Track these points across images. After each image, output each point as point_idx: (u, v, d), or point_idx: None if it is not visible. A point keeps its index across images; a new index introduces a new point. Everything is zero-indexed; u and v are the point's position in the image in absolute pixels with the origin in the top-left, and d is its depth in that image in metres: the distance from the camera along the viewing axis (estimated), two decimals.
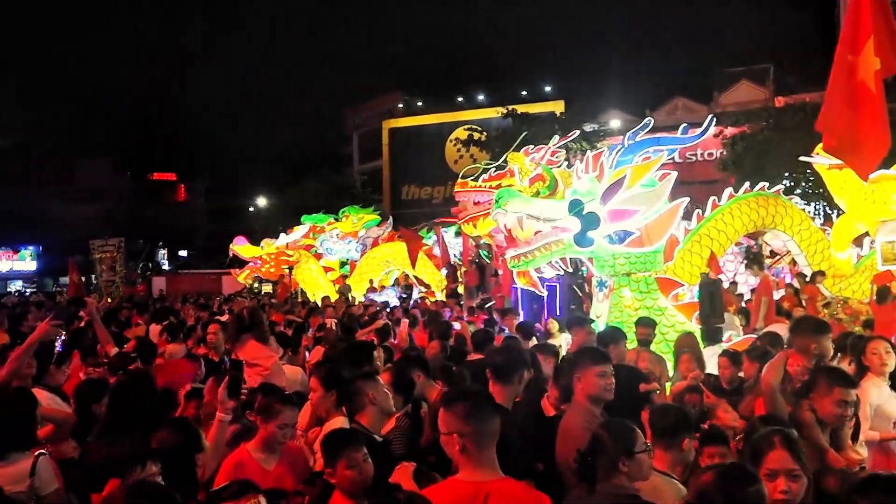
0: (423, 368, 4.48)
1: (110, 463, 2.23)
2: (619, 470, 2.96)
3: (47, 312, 12.72)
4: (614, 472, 2.96)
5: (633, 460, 2.97)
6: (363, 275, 20.66)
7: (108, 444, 2.32)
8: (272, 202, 49.69)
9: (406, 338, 7.73)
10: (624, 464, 2.96)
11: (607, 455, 2.98)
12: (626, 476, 2.96)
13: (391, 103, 55.40)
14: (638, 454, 2.98)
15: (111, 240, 25.81)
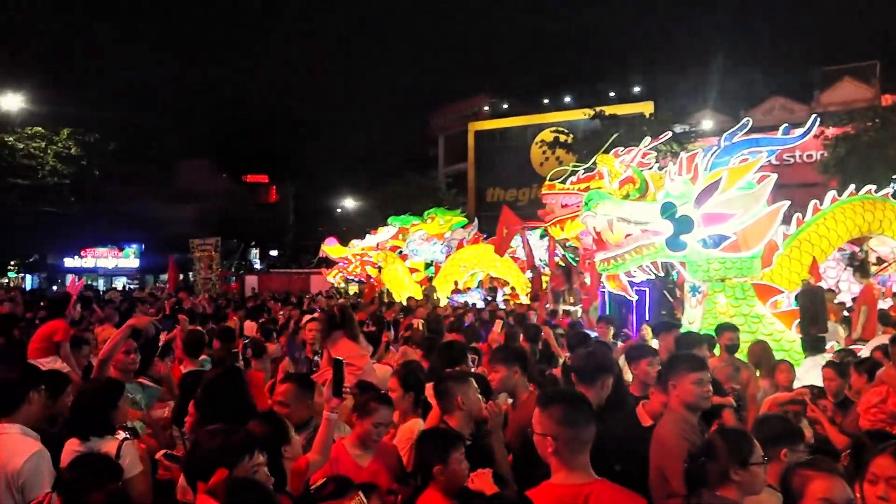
0: (522, 366, 4.39)
1: (221, 452, 2.30)
2: (730, 479, 2.84)
3: (150, 308, 13.45)
4: (725, 481, 2.85)
5: (746, 471, 2.84)
6: (448, 276, 20.77)
7: (220, 433, 2.40)
8: (359, 204, 50.63)
9: (497, 339, 7.65)
10: (737, 473, 2.84)
11: (719, 462, 2.86)
12: (736, 486, 2.83)
13: (477, 105, 55.52)
14: (753, 465, 2.85)
15: (209, 239, 26.91)
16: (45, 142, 37.31)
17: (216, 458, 2.27)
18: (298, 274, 36.64)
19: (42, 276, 45.20)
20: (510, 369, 4.29)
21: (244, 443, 2.32)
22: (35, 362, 6.09)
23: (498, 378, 4.29)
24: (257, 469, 2.29)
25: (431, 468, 3.03)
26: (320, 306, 14.78)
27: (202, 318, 11.45)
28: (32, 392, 3.60)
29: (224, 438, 2.34)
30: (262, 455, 2.34)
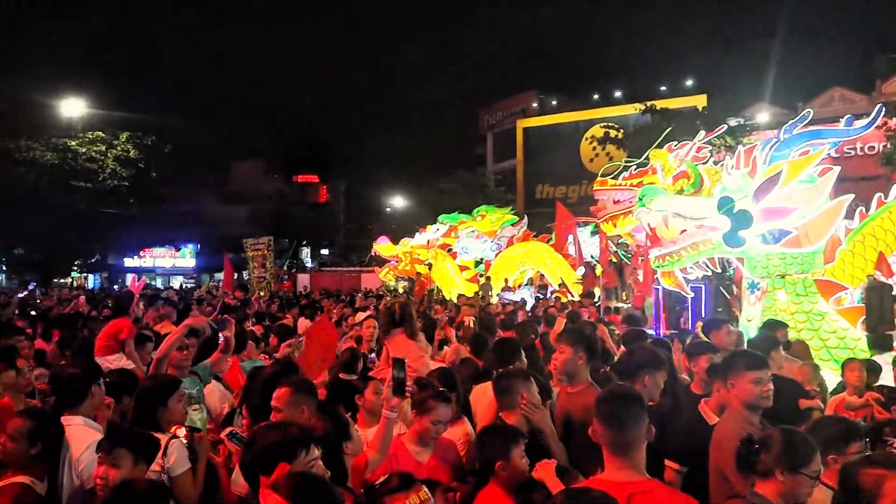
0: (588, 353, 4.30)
1: (277, 446, 2.34)
2: (774, 478, 2.78)
3: (207, 307, 13.76)
4: (769, 477, 2.79)
5: (792, 476, 2.76)
6: (498, 274, 20.73)
7: (276, 428, 2.45)
8: (408, 202, 50.88)
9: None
10: (782, 474, 2.77)
11: (770, 457, 2.81)
12: (778, 486, 2.77)
13: (525, 102, 55.30)
14: (801, 473, 2.76)
15: (262, 238, 27.40)
16: (105, 146, 38.55)
17: (273, 452, 2.30)
18: (349, 272, 37.04)
19: (103, 276, 46.67)
20: (576, 352, 4.17)
21: (300, 437, 2.35)
22: (101, 359, 6.31)
23: (562, 359, 4.19)
24: (313, 463, 2.32)
25: (493, 464, 3.04)
26: (372, 304, 14.92)
27: (258, 316, 11.66)
28: (94, 386, 3.75)
29: (280, 433, 2.38)
30: (318, 449, 2.36)
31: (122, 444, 2.88)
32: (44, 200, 35.23)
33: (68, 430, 3.54)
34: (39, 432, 3.32)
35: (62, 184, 36.05)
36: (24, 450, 3.27)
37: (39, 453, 3.31)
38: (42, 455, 3.35)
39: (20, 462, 3.30)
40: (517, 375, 3.88)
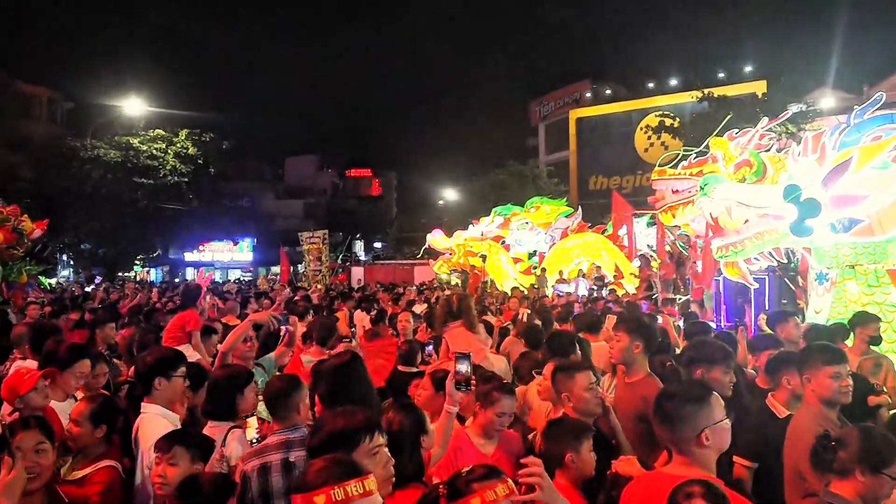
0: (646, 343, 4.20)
1: (344, 432, 2.35)
2: (853, 477, 2.69)
3: (264, 300, 14.01)
4: (848, 476, 2.70)
5: (874, 477, 2.66)
6: (552, 266, 20.57)
7: (342, 414, 2.46)
8: (460, 194, 50.88)
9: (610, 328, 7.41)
10: (863, 475, 2.67)
11: (848, 455, 2.71)
12: (857, 486, 2.67)
13: (578, 92, 54.67)
14: (883, 474, 2.66)
15: (317, 232, 27.75)
16: (165, 143, 39.68)
17: (337, 437, 2.31)
18: (403, 265, 37.23)
19: (165, 270, 47.96)
20: (632, 341, 4.10)
21: (365, 424, 2.35)
22: None
23: (618, 348, 4.13)
24: (377, 450, 2.32)
25: (562, 456, 3.01)
26: (425, 297, 14.96)
27: (316, 309, 11.81)
28: (172, 377, 3.79)
29: (346, 419, 2.38)
30: (383, 437, 2.36)
31: (179, 442, 2.93)
32: (108, 197, 36.43)
33: (142, 418, 3.63)
34: (102, 414, 3.42)
35: (125, 181, 37.23)
36: (89, 432, 3.37)
37: (107, 436, 3.41)
38: (111, 438, 3.46)
39: (94, 448, 3.40)
40: (569, 369, 3.82)
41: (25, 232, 15.86)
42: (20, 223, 15.79)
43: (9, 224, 15.39)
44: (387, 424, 2.89)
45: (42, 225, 16.75)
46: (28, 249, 16.31)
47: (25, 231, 15.87)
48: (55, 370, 4.17)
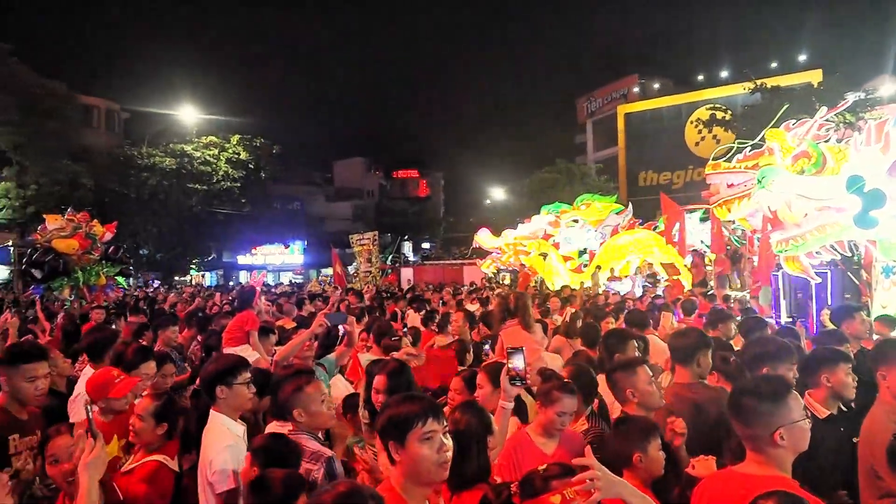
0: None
1: (400, 417, 2.38)
2: None
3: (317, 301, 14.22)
4: None
5: None
6: (604, 263, 20.35)
7: (404, 400, 2.49)
8: (508, 193, 50.75)
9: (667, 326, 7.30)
10: None
11: None
12: None
13: (626, 87, 54.04)
14: None
15: (367, 234, 28.02)
16: (217, 149, 40.60)
17: (395, 421, 2.36)
18: (452, 265, 37.29)
19: (219, 273, 49.02)
20: None
21: (420, 410, 2.38)
22: (230, 350, 6.63)
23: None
24: (431, 435, 2.34)
25: (629, 456, 2.98)
26: (479, 296, 14.96)
27: (369, 310, 11.92)
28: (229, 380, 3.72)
29: (405, 405, 2.42)
30: (439, 423, 2.38)
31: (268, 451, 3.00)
32: (164, 203, 37.43)
33: (208, 426, 3.62)
34: (164, 412, 3.52)
35: (180, 187, 38.21)
36: (151, 428, 3.47)
37: (167, 433, 3.52)
38: (171, 435, 3.56)
39: (152, 442, 3.51)
40: (623, 368, 3.79)
41: (97, 236, 16.44)
42: (91, 228, 16.38)
43: (81, 231, 15.97)
44: (453, 424, 2.91)
45: (111, 227, 17.34)
46: (102, 253, 16.89)
47: (97, 235, 16.45)
48: (142, 385, 4.31)
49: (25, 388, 3.69)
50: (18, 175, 32.98)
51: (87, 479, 2.53)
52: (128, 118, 43.91)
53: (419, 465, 2.29)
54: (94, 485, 2.54)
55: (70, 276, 15.66)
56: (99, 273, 16.33)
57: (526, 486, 1.95)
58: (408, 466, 2.30)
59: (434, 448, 2.32)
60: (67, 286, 15.36)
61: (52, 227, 16.00)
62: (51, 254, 15.46)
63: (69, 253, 15.59)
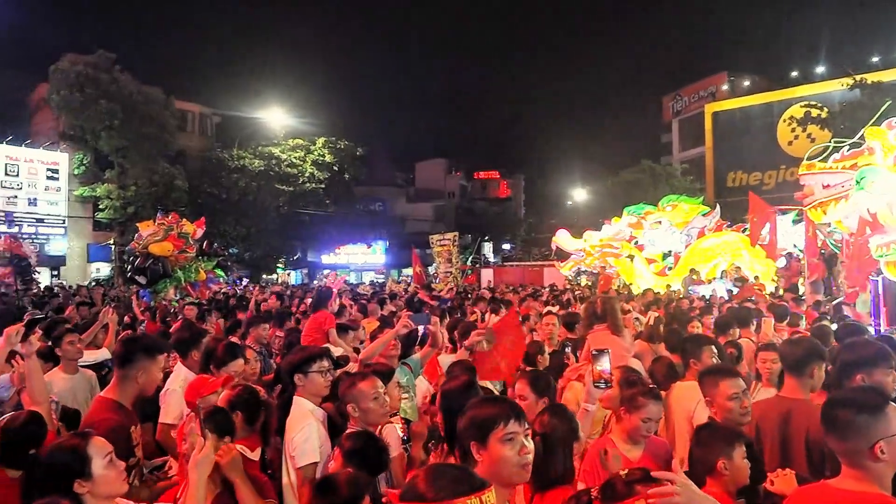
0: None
1: (479, 418, 2.40)
2: None
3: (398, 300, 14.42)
4: None
5: None
6: (689, 266, 19.82)
7: (486, 402, 2.52)
8: (590, 194, 50.07)
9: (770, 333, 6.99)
10: None
11: None
12: None
13: (714, 85, 52.45)
14: None
15: (447, 234, 28.20)
16: (304, 151, 41.75)
17: (477, 422, 2.37)
18: (532, 266, 37.09)
19: (304, 272, 50.32)
20: None
21: (502, 411, 2.38)
22: None
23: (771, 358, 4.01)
24: (512, 437, 2.34)
25: (713, 463, 2.91)
26: (561, 300, 14.83)
27: (450, 311, 12.00)
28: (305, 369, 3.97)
29: (487, 407, 2.43)
30: (521, 425, 2.38)
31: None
32: (253, 204, 38.76)
33: (292, 408, 3.86)
34: (239, 402, 3.66)
35: (268, 188, 39.46)
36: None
37: (245, 423, 3.65)
38: (251, 425, 3.69)
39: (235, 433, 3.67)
40: (713, 374, 3.67)
41: (188, 234, 17.18)
42: (181, 228, 17.13)
43: (173, 232, 16.72)
44: (540, 426, 2.91)
45: (201, 224, 18.03)
46: (196, 249, 17.60)
47: (188, 233, 17.19)
48: (231, 377, 4.51)
49: (156, 380, 3.88)
50: (119, 177, 34.84)
51: (197, 476, 2.67)
52: (219, 122, 45.69)
53: (500, 465, 2.30)
54: (202, 481, 2.67)
55: (171, 276, 16.39)
56: (197, 269, 16.99)
57: (608, 490, 1.93)
58: (489, 467, 2.31)
59: (515, 449, 2.33)
60: (171, 287, 16.07)
61: (146, 233, 16.75)
62: (150, 259, 16.24)
63: (166, 255, 16.32)
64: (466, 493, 1.72)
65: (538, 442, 2.72)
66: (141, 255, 16.48)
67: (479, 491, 1.74)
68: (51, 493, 2.33)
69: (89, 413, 3.53)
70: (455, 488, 1.73)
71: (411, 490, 1.77)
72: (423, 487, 1.75)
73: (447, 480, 1.76)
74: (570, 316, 7.94)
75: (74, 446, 2.56)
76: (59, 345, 5.47)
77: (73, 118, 33.16)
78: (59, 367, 5.41)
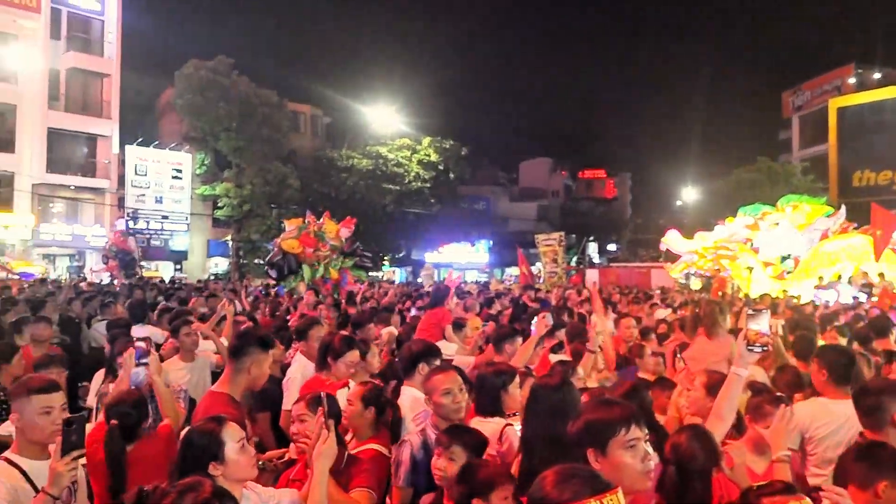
0: None
1: (602, 423, 2.32)
2: None
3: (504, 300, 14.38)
4: None
5: None
6: (810, 271, 18.74)
7: (601, 405, 2.43)
8: (702, 194, 48.34)
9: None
10: None
11: None
12: None
13: (839, 79, 49.38)
14: None
15: (553, 234, 27.88)
16: (410, 151, 42.47)
17: (594, 428, 2.29)
18: (639, 268, 36.17)
19: (408, 270, 51.15)
20: None
21: (622, 415, 2.30)
22: None
23: None
24: (635, 443, 2.25)
25: (873, 483, 2.65)
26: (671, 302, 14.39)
27: (559, 311, 11.85)
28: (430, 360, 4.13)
29: (604, 410, 2.35)
30: (642, 430, 2.29)
31: (458, 440, 3.07)
32: (361, 202, 39.79)
33: (401, 397, 4.00)
34: (371, 398, 3.71)
35: (376, 187, 40.39)
36: (360, 412, 3.66)
37: (376, 420, 3.70)
38: (380, 422, 3.74)
39: (365, 430, 3.71)
40: (888, 391, 3.35)
41: (326, 234, 17.78)
42: (320, 227, 17.79)
43: (307, 230, 17.47)
44: (673, 450, 2.78)
45: (347, 223, 18.59)
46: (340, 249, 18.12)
47: (326, 233, 17.79)
48: (346, 383, 4.64)
49: (266, 374, 4.01)
50: (236, 176, 36.60)
51: (320, 466, 2.72)
52: (329, 122, 47.13)
53: (623, 473, 2.20)
54: (325, 472, 2.72)
55: (296, 273, 17.09)
56: (327, 268, 17.51)
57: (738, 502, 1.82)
58: (609, 475, 2.21)
59: (638, 457, 2.24)
60: (299, 282, 16.73)
61: (288, 229, 17.73)
62: (281, 254, 17.09)
63: (296, 252, 17.02)
64: (593, 495, 1.71)
65: (672, 471, 2.60)
66: (276, 251, 17.35)
67: (605, 493, 1.72)
68: (189, 474, 2.43)
69: (205, 408, 3.63)
70: (583, 490, 1.72)
71: (539, 491, 1.77)
72: (550, 488, 1.75)
73: (575, 482, 1.75)
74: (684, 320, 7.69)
75: (211, 430, 2.65)
76: (177, 336, 5.88)
77: (195, 120, 35.19)
78: (178, 356, 5.79)
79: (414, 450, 3.40)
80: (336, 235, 17.95)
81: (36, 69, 31.11)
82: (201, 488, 2.07)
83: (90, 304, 11.52)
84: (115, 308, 9.92)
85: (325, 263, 17.33)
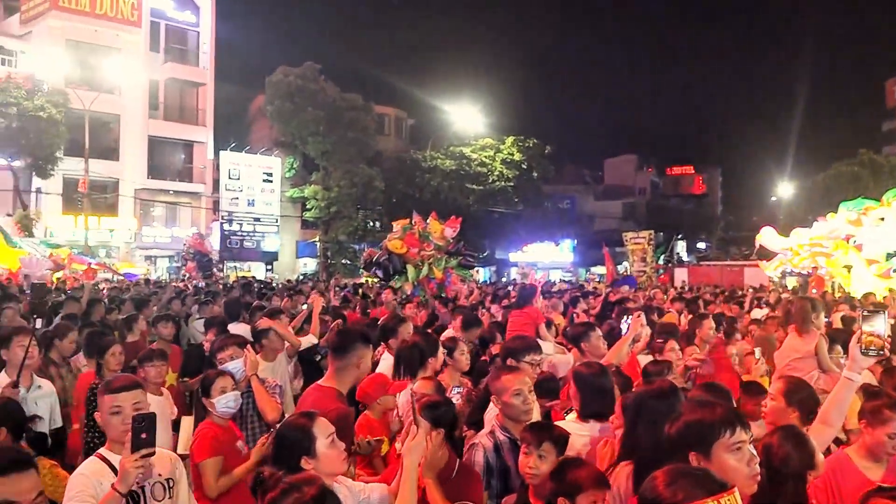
0: None
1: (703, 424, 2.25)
2: None
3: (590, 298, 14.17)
4: None
5: None
6: None
7: (703, 406, 2.36)
8: (798, 189, 46.25)
9: None
10: None
11: None
12: None
13: None
14: None
15: (642, 232, 27.38)
16: (493, 151, 42.49)
17: (695, 429, 2.24)
18: (731, 266, 34.90)
19: (492, 270, 51.12)
20: None
21: (725, 417, 2.23)
22: None
23: None
24: (740, 446, 2.18)
25: None
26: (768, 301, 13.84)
27: (647, 310, 11.60)
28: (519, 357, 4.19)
29: (706, 411, 2.29)
30: (747, 433, 2.21)
31: (549, 438, 3.04)
32: (445, 202, 40.07)
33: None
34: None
35: (459, 187, 40.59)
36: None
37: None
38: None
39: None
40: None
41: (430, 234, 18.04)
42: (424, 228, 18.10)
43: (411, 231, 17.81)
44: (765, 452, 2.67)
45: (451, 223, 18.81)
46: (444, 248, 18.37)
47: (430, 234, 18.06)
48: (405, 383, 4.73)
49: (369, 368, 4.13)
50: (324, 179, 37.53)
51: (409, 461, 2.74)
52: (413, 124, 47.67)
53: (727, 477, 2.09)
54: (413, 467, 2.75)
55: (401, 273, 17.44)
56: (430, 267, 17.73)
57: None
58: None
59: (744, 460, 2.17)
60: (404, 282, 17.06)
61: (394, 230, 18.20)
62: (386, 255, 17.53)
63: (400, 252, 17.37)
64: (709, 495, 1.68)
65: (763, 474, 2.51)
66: (382, 251, 17.79)
67: (721, 493, 1.70)
68: (281, 468, 2.51)
69: (313, 401, 3.69)
70: (697, 490, 1.69)
71: (650, 490, 1.76)
72: (662, 488, 1.73)
73: (688, 482, 1.73)
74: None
75: (302, 425, 2.72)
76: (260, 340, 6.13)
77: (284, 125, 36.32)
78: (260, 355, 5.97)
79: (488, 452, 3.34)
80: (441, 235, 18.11)
81: (137, 80, 32.86)
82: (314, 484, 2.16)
83: (187, 303, 12.07)
84: (212, 307, 10.34)
85: (430, 263, 17.53)
